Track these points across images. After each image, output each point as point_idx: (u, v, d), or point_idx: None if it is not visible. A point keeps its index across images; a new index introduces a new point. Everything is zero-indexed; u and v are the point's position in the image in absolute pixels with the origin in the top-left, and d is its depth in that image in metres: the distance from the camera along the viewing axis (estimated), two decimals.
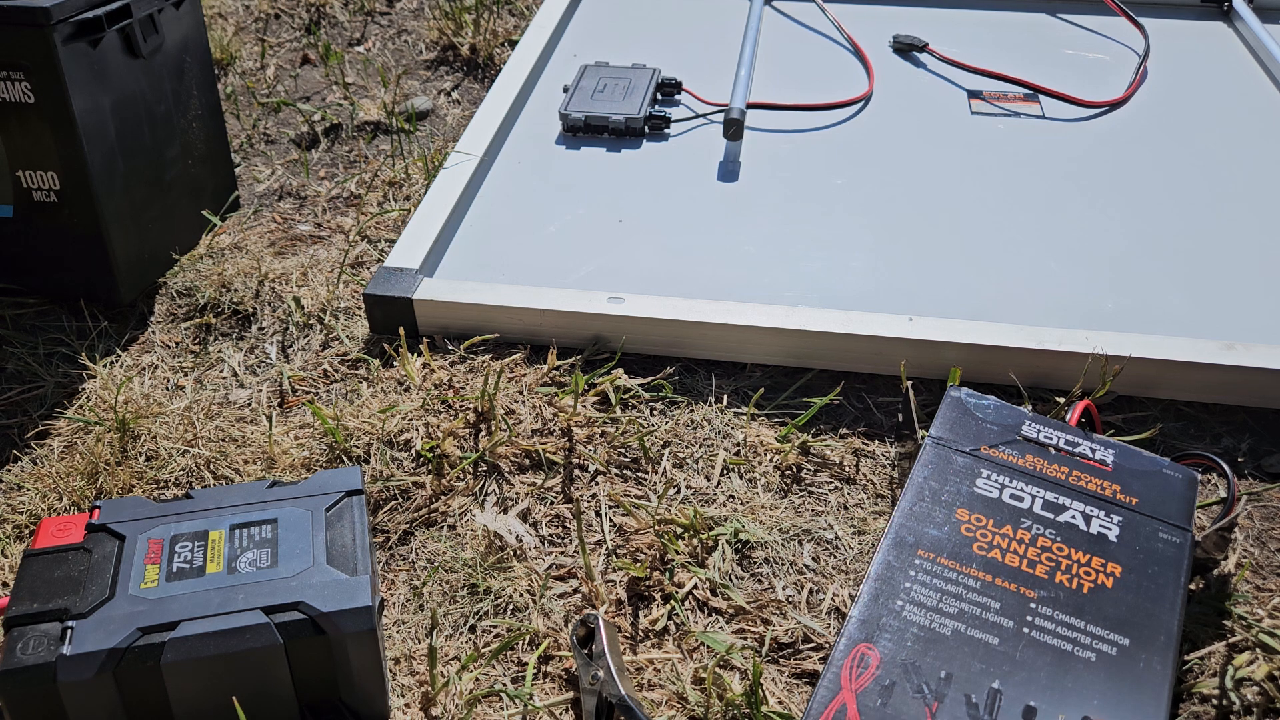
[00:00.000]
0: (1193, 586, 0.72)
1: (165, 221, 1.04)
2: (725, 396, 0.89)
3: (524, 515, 0.79)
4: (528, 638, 0.70)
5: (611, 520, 0.78)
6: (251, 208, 1.17)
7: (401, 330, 0.92)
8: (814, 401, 0.86)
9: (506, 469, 0.82)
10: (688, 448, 0.84)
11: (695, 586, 0.73)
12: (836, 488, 0.81)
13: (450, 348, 0.94)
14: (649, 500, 0.80)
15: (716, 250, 1.03)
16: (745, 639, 0.70)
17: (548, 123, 1.24)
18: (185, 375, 0.93)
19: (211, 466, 0.83)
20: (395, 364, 0.93)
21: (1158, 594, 0.66)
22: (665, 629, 0.70)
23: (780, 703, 0.66)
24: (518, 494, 0.80)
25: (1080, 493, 0.72)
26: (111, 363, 0.95)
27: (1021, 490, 0.71)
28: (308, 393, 0.91)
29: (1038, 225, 1.06)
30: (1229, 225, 1.06)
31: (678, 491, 0.80)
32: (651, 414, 0.88)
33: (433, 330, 0.95)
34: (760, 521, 0.78)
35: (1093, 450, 0.75)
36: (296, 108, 1.36)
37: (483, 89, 1.42)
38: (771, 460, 0.83)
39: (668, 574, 0.73)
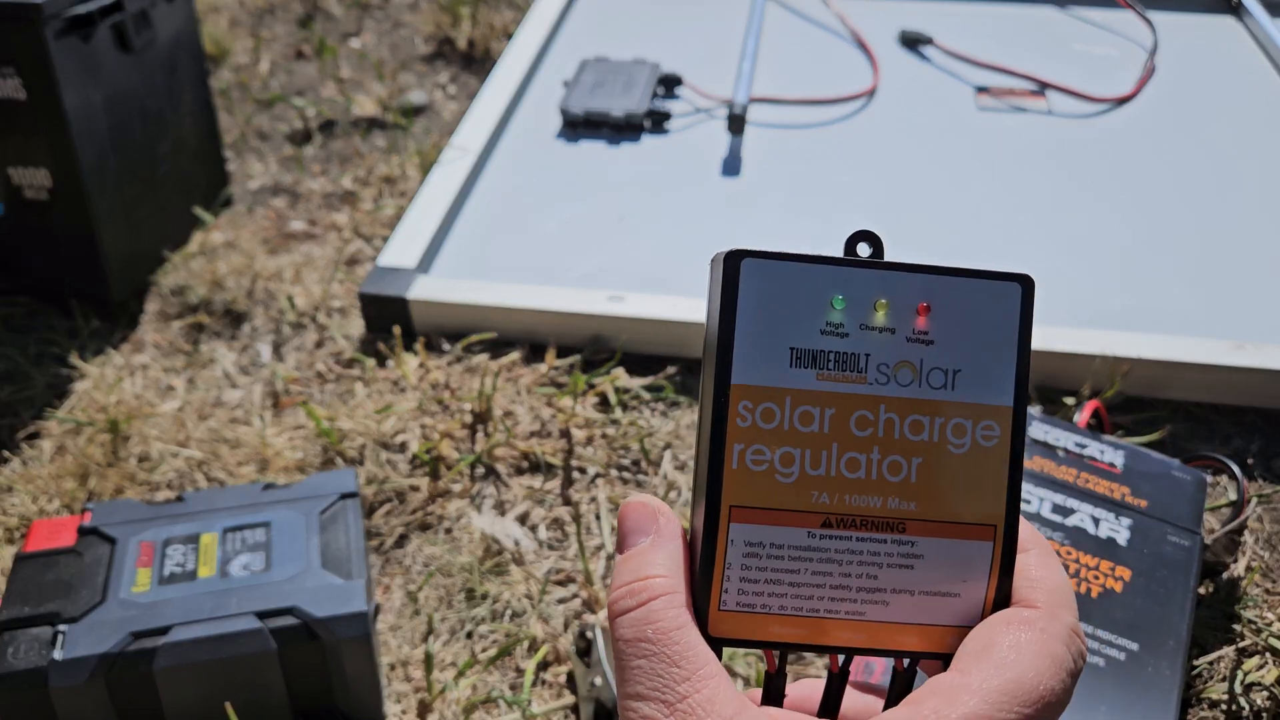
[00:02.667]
0: (1202, 590, 0.71)
1: (157, 218, 1.03)
2: None
3: (522, 518, 0.78)
4: (526, 643, 0.69)
5: (611, 524, 0.77)
6: (245, 204, 1.16)
7: (397, 330, 0.91)
8: None
9: (504, 471, 0.81)
10: (689, 449, 0.83)
11: None
12: None
13: (446, 347, 0.93)
14: None
15: (718, 247, 1.01)
16: None
17: (546, 117, 1.23)
18: (177, 375, 0.92)
19: (204, 468, 0.82)
20: (390, 364, 0.92)
21: (1167, 598, 0.65)
22: None
23: None
24: (515, 497, 0.79)
25: (1089, 495, 0.70)
26: (103, 363, 0.93)
27: (1029, 493, 0.70)
28: (301, 393, 0.90)
29: (1045, 222, 1.05)
30: (1238, 222, 1.05)
31: (679, 494, 0.79)
32: (652, 415, 0.86)
33: (429, 329, 0.94)
34: None
35: (1101, 452, 0.74)
36: (290, 103, 1.35)
37: (480, 83, 1.41)
38: None
39: None
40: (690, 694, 0.24)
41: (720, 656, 0.26)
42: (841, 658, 0.28)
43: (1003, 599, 0.27)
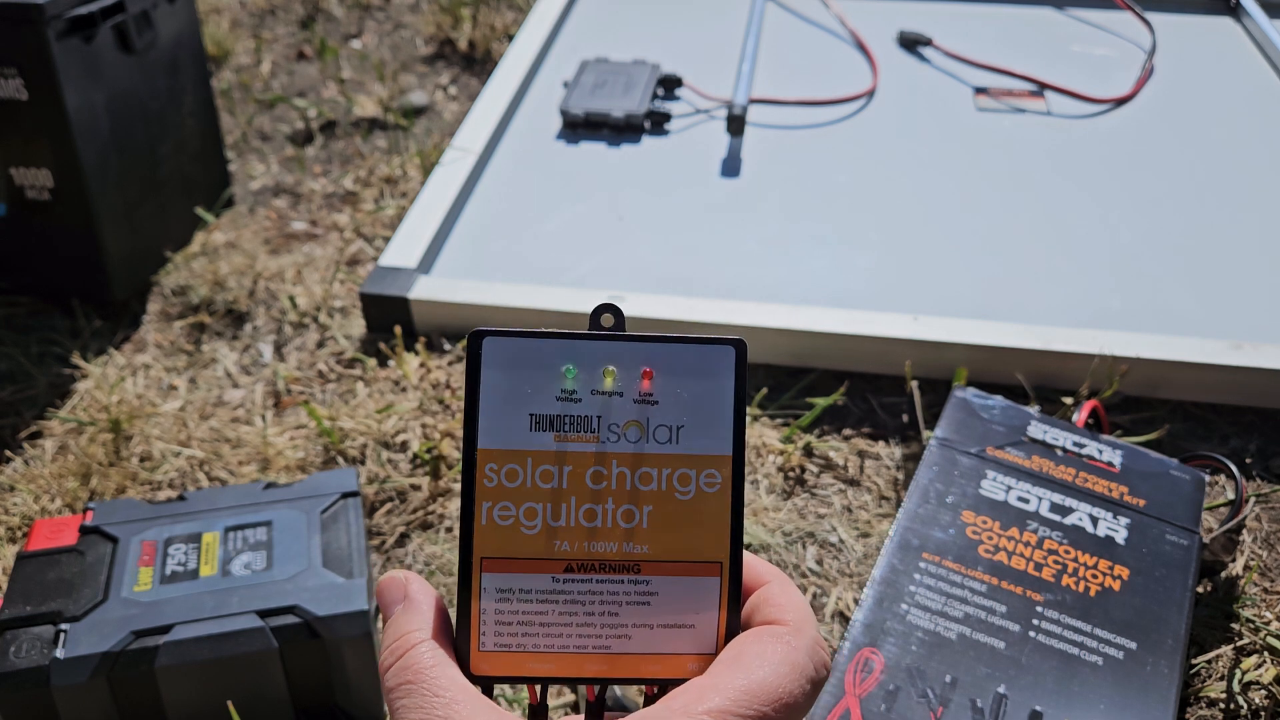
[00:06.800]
0: (1200, 589, 0.71)
1: (158, 218, 1.03)
2: None
3: None
4: None
5: None
6: (246, 205, 1.16)
7: (398, 329, 0.91)
8: (818, 402, 0.85)
9: None
10: None
11: None
12: (840, 490, 0.80)
13: (447, 347, 0.93)
14: None
15: (718, 248, 1.02)
16: None
17: (546, 118, 1.23)
18: (179, 375, 0.92)
19: (205, 468, 0.82)
20: (391, 364, 0.92)
21: (1165, 597, 0.65)
22: None
23: None
24: None
25: (1087, 494, 0.71)
26: (105, 362, 0.94)
27: (1028, 492, 0.71)
28: (303, 393, 0.90)
29: (1044, 223, 1.05)
30: (1236, 223, 1.05)
31: None
32: None
33: (430, 329, 0.94)
34: (763, 524, 0.77)
35: (1100, 451, 0.74)
36: (291, 104, 1.35)
37: (480, 84, 1.41)
38: (775, 462, 0.82)
39: None
40: (453, 716, 0.27)
41: (491, 695, 0.29)
42: (597, 688, 0.31)
43: (734, 626, 0.30)
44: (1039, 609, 0.64)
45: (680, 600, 0.30)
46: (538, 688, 0.31)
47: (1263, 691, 0.65)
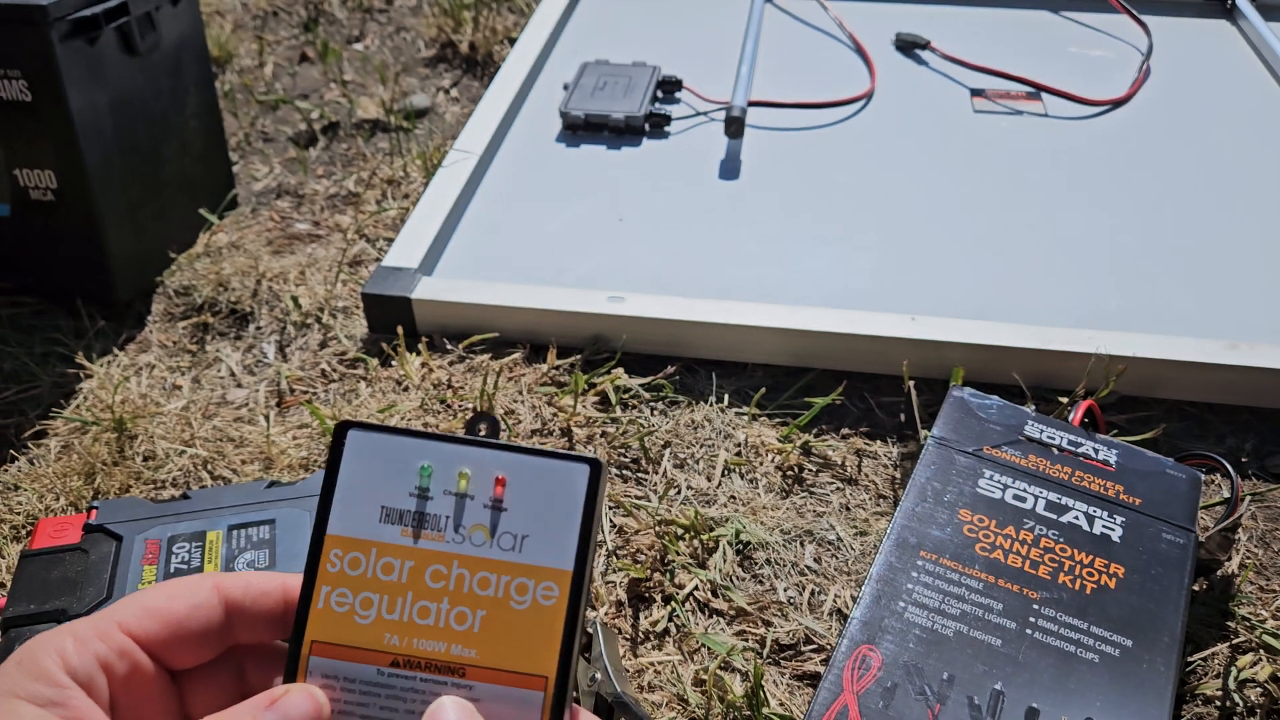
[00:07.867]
0: (1196, 587, 0.72)
1: (162, 220, 1.04)
2: (726, 396, 0.89)
3: None
4: None
5: (611, 521, 0.78)
6: (249, 206, 1.17)
7: (400, 329, 0.92)
8: (816, 401, 0.86)
9: None
10: (688, 448, 0.84)
11: (696, 588, 0.73)
12: (838, 488, 0.81)
13: (449, 347, 0.94)
14: (649, 501, 0.79)
15: (718, 249, 1.02)
16: (746, 640, 0.69)
17: (547, 120, 1.24)
18: (182, 375, 0.93)
19: (209, 467, 0.82)
20: (394, 363, 0.92)
21: (1161, 595, 0.65)
22: (666, 631, 0.70)
23: (781, 705, 0.65)
24: None
25: (1083, 493, 0.71)
26: (108, 362, 0.94)
27: (1024, 491, 0.71)
28: (306, 392, 0.91)
29: (1041, 224, 1.06)
30: (1233, 223, 1.05)
31: (678, 492, 0.80)
32: (652, 414, 0.87)
33: (431, 329, 0.95)
34: (761, 522, 0.77)
35: (1096, 450, 0.75)
36: (294, 105, 1.35)
37: (482, 86, 1.41)
38: (773, 460, 0.82)
39: (668, 575, 0.73)
40: None
41: None
42: None
43: None
44: (1035, 607, 0.64)
45: (500, 711, 0.30)
46: None
47: (1258, 689, 0.65)
